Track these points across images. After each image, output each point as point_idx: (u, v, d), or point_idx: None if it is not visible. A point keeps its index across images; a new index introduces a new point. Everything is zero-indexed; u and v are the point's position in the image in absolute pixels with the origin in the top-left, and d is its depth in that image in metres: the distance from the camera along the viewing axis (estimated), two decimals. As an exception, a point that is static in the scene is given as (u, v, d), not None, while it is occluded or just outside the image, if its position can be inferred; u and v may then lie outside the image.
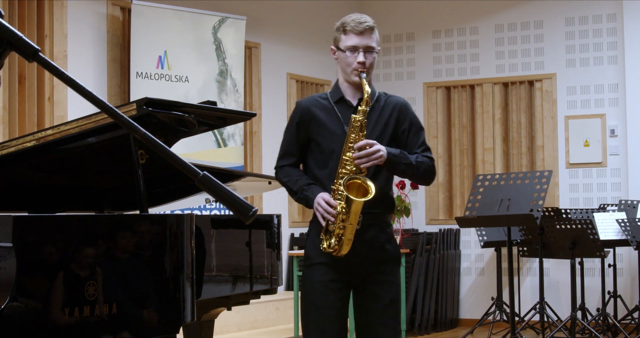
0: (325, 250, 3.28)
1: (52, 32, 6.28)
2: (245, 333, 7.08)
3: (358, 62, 3.35)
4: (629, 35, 8.15)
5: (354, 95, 3.42)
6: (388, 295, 3.35)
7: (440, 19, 9.07)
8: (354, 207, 3.22)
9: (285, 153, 3.47)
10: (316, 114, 3.39)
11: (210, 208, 7.15)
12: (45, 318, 2.29)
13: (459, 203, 8.86)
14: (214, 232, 3.61)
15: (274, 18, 8.32)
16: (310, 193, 3.33)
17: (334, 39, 3.46)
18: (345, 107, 3.40)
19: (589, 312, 7.53)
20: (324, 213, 3.26)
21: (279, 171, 3.48)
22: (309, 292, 3.35)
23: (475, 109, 8.89)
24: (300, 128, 3.42)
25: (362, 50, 3.37)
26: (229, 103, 7.40)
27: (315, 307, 3.31)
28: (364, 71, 3.34)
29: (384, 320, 3.34)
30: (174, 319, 2.63)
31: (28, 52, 1.57)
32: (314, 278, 3.33)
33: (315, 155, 3.40)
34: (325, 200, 3.26)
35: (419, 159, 3.38)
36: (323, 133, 3.37)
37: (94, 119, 2.87)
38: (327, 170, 3.35)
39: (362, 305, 3.37)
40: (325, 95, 3.46)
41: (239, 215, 1.61)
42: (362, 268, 3.33)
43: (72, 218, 2.54)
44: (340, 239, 3.25)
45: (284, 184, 3.47)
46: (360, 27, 3.39)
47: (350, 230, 3.24)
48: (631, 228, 6.87)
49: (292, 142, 3.44)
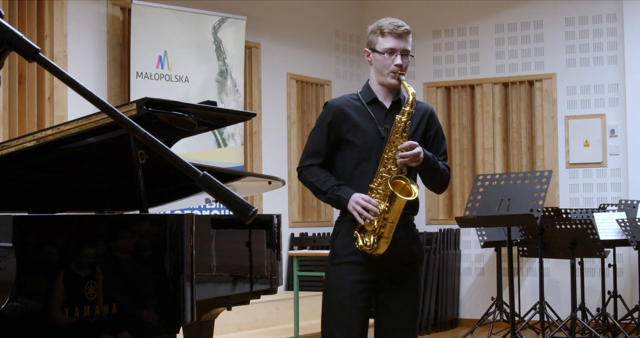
0: (361, 248, 3.30)
1: (52, 32, 6.28)
2: (245, 333, 7.08)
3: (395, 65, 3.38)
4: (629, 35, 8.15)
5: (386, 98, 3.45)
6: (412, 294, 3.42)
7: (440, 19, 9.08)
8: (396, 205, 3.27)
9: (313, 152, 3.48)
10: (350, 115, 3.42)
11: (210, 208, 7.15)
12: (45, 318, 2.29)
13: (459, 203, 8.87)
14: (214, 232, 3.61)
15: (274, 18, 8.32)
16: (342, 193, 3.35)
17: (368, 42, 3.48)
18: (378, 108, 3.43)
19: (589, 312, 7.53)
20: (362, 212, 3.28)
21: (305, 170, 3.48)
22: (335, 291, 3.36)
23: (475, 109, 8.89)
24: (332, 128, 3.43)
25: (399, 53, 3.40)
26: (229, 103, 7.40)
27: (342, 305, 3.34)
28: (402, 73, 3.38)
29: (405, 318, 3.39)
30: (174, 319, 2.63)
31: (28, 52, 1.57)
32: (342, 276, 3.35)
33: (347, 155, 3.42)
34: (365, 199, 3.29)
35: (442, 166, 3.46)
36: (357, 133, 3.40)
37: (94, 119, 2.87)
38: (359, 171, 3.39)
39: (385, 303, 3.41)
40: (357, 96, 3.48)
41: (239, 215, 1.61)
42: (390, 268, 3.37)
43: (72, 218, 2.54)
44: (379, 238, 3.28)
45: (311, 183, 3.46)
46: (399, 30, 3.42)
47: (390, 229, 3.28)
48: (631, 228, 6.87)
49: (322, 142, 3.46)
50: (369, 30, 3.50)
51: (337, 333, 3.34)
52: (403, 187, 3.31)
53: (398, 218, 3.29)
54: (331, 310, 3.38)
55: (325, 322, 3.40)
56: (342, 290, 3.35)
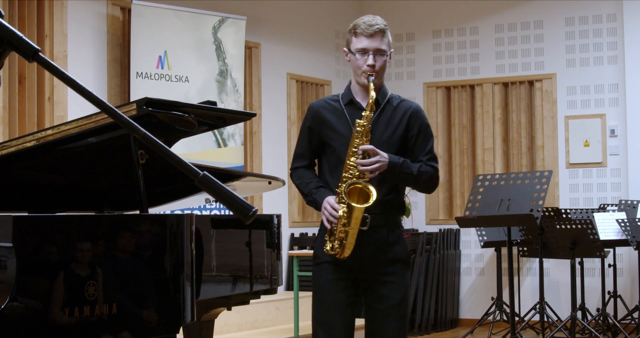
0: (327, 252, 3.33)
1: (52, 32, 6.28)
2: (245, 333, 7.08)
3: (367, 65, 3.37)
4: (629, 35, 8.15)
5: (364, 98, 3.43)
6: (395, 296, 3.37)
7: (440, 19, 9.08)
8: (355, 212, 3.25)
9: (298, 155, 3.52)
10: (326, 117, 3.43)
11: (210, 208, 7.15)
12: (45, 318, 2.29)
13: (459, 203, 8.86)
14: (214, 232, 3.61)
15: (274, 18, 8.32)
16: (318, 196, 3.37)
17: (346, 41, 3.49)
18: (355, 109, 3.42)
19: (589, 312, 7.53)
20: (328, 217, 3.30)
21: (293, 173, 3.53)
22: (317, 290, 3.40)
23: (475, 109, 8.89)
24: (311, 132, 3.46)
25: (372, 53, 3.38)
26: (229, 103, 7.40)
27: (322, 304, 3.36)
28: (372, 74, 3.35)
29: (390, 321, 3.36)
30: (174, 319, 2.63)
31: (28, 52, 1.57)
32: (322, 276, 3.38)
33: (328, 158, 3.44)
34: (330, 204, 3.30)
35: (422, 168, 3.40)
36: (333, 136, 3.40)
37: (94, 119, 2.87)
38: (337, 174, 3.38)
39: (369, 306, 3.41)
40: (337, 97, 3.49)
41: (239, 215, 1.61)
42: (370, 268, 3.36)
43: (72, 218, 2.54)
44: (342, 243, 3.28)
45: (297, 186, 3.51)
46: (371, 29, 3.40)
47: (351, 234, 3.27)
48: (631, 228, 6.87)
49: (305, 145, 3.49)
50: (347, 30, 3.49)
51: (320, 332, 3.36)
52: (361, 191, 3.28)
53: (358, 224, 3.25)
54: (315, 309, 3.41)
55: (312, 321, 3.44)
56: (323, 289, 3.37)
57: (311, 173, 3.49)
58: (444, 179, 8.98)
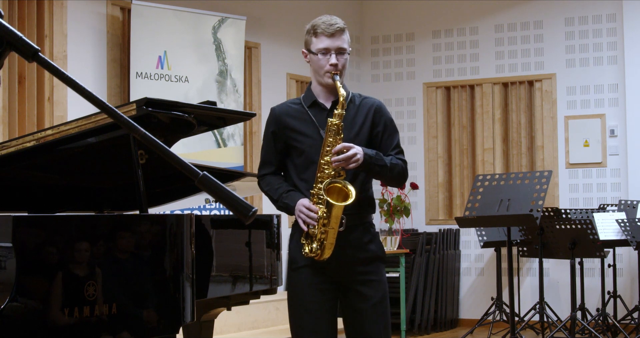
0: (307, 255, 3.29)
1: (52, 32, 6.28)
2: (245, 333, 7.08)
3: (330, 64, 3.34)
4: (628, 35, 8.15)
5: (327, 98, 3.40)
6: (376, 294, 3.35)
7: (440, 19, 9.08)
8: (334, 211, 3.22)
9: (264, 162, 3.48)
10: (289, 121, 3.39)
11: (210, 208, 7.15)
12: (45, 318, 2.29)
13: (459, 203, 8.86)
14: (214, 232, 3.61)
15: (274, 18, 8.32)
16: (289, 200, 3.33)
17: (305, 42, 3.45)
18: (319, 110, 3.39)
19: (588, 312, 7.53)
20: (305, 219, 3.26)
21: (261, 180, 3.48)
22: (297, 295, 3.37)
23: (475, 109, 8.89)
24: (276, 136, 3.41)
25: (334, 52, 3.36)
26: (229, 103, 7.40)
27: (306, 310, 3.33)
28: (337, 73, 3.33)
29: (373, 319, 3.34)
30: (174, 319, 2.63)
31: (28, 52, 1.57)
32: (301, 281, 3.34)
33: (295, 161, 3.40)
34: (306, 206, 3.26)
35: (392, 161, 3.38)
36: (299, 139, 3.37)
37: (93, 119, 2.88)
38: (307, 175, 3.35)
39: (351, 306, 3.37)
40: (298, 100, 3.45)
41: (239, 215, 1.61)
42: (348, 268, 3.34)
43: (72, 218, 2.54)
44: (322, 244, 3.26)
45: (266, 193, 3.47)
46: (331, 29, 3.39)
47: (332, 234, 3.25)
48: (631, 229, 6.87)
49: (270, 151, 3.45)
50: (305, 31, 3.47)
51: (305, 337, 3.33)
52: (340, 190, 3.27)
53: (338, 223, 3.23)
54: (297, 316, 3.37)
55: (293, 327, 3.40)
56: (304, 294, 3.33)
57: (278, 178, 3.45)
58: (444, 179, 8.98)
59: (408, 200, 7.57)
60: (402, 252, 7.35)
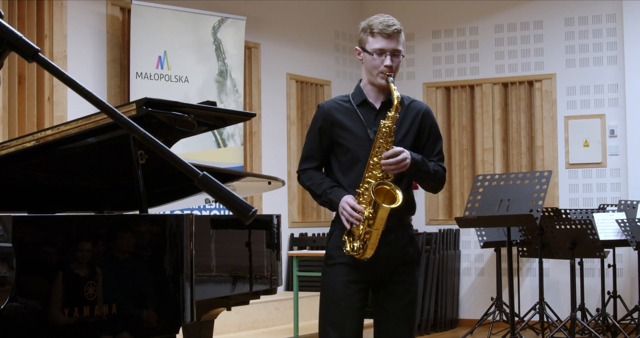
0: (348, 253, 3.31)
1: (52, 32, 6.28)
2: (245, 333, 7.08)
3: (385, 66, 3.34)
4: (628, 35, 8.15)
5: (377, 98, 3.42)
6: (407, 295, 3.39)
7: (440, 19, 9.08)
8: (380, 212, 3.24)
9: (308, 156, 3.48)
10: (338, 118, 3.40)
11: (210, 209, 7.15)
12: (45, 318, 2.29)
13: (459, 203, 8.87)
14: (214, 232, 3.61)
15: (274, 18, 8.32)
16: (334, 196, 3.35)
17: (359, 40, 3.44)
18: (368, 110, 3.40)
19: (588, 312, 7.53)
20: (349, 218, 3.28)
21: (302, 174, 3.50)
22: (330, 291, 3.38)
23: (475, 109, 8.89)
24: (322, 132, 3.42)
25: (389, 53, 3.36)
26: (229, 103, 7.40)
27: (336, 306, 3.34)
28: (391, 75, 3.34)
29: (401, 319, 3.38)
30: (174, 319, 2.63)
31: (28, 53, 1.57)
32: (336, 277, 3.36)
33: (339, 158, 3.41)
34: (351, 204, 3.28)
35: (435, 167, 3.42)
36: (347, 137, 3.38)
37: (93, 119, 2.87)
38: (352, 174, 3.37)
39: (381, 304, 3.40)
40: (347, 97, 3.45)
41: (239, 216, 1.61)
42: (384, 269, 3.36)
43: (72, 218, 2.54)
44: (365, 243, 3.27)
45: (307, 187, 3.47)
46: (389, 30, 3.37)
47: (376, 235, 3.27)
48: (631, 229, 6.87)
49: (315, 146, 3.45)
50: (360, 28, 3.46)
51: (332, 333, 3.35)
52: (387, 192, 3.28)
53: (383, 225, 3.26)
54: (326, 310, 3.39)
55: (321, 322, 3.41)
56: (336, 291, 3.35)
57: (321, 174, 3.47)
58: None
59: (408, 200, 7.56)
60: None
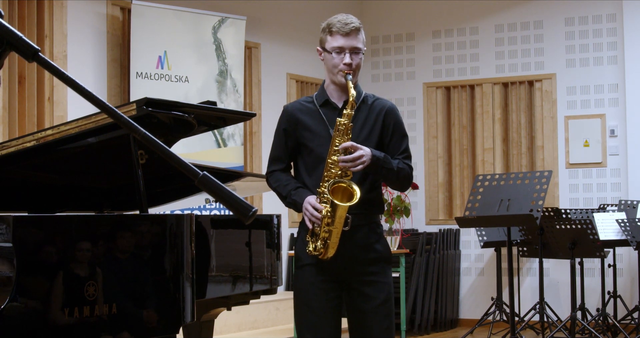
0: (310, 253, 3.30)
1: (52, 32, 6.28)
2: (245, 333, 7.08)
3: (344, 64, 3.34)
4: (629, 35, 8.15)
5: (340, 97, 3.41)
6: (380, 295, 3.35)
7: (440, 19, 9.08)
8: (339, 211, 3.22)
9: (274, 158, 3.48)
10: (302, 119, 3.40)
11: (210, 208, 7.15)
12: (45, 318, 2.29)
13: (459, 203, 8.86)
14: (214, 232, 3.61)
15: (274, 18, 8.32)
16: (297, 197, 3.34)
17: (319, 40, 3.45)
18: (331, 109, 3.40)
19: (588, 312, 7.53)
20: (310, 217, 3.27)
21: (270, 176, 3.49)
22: (301, 293, 3.37)
23: (475, 109, 8.89)
24: (287, 134, 3.42)
25: (348, 51, 3.36)
26: (229, 103, 7.40)
27: (308, 307, 3.33)
28: (349, 73, 3.33)
29: (376, 320, 3.34)
30: (174, 319, 2.63)
31: (28, 52, 1.57)
32: (305, 279, 3.35)
33: (305, 159, 3.41)
34: (312, 204, 3.27)
35: (399, 164, 3.39)
36: (310, 137, 3.38)
37: (94, 119, 2.87)
38: (316, 174, 3.36)
39: (355, 306, 3.37)
40: (311, 98, 3.46)
41: (239, 215, 1.61)
42: (353, 268, 3.34)
43: (72, 218, 2.54)
44: (326, 243, 3.26)
45: (274, 189, 3.48)
46: (347, 28, 3.38)
47: (335, 233, 3.25)
48: (631, 229, 6.87)
49: (281, 148, 3.45)
50: (320, 28, 3.47)
51: (308, 335, 3.33)
52: (344, 190, 3.27)
53: (342, 223, 3.24)
54: (300, 313, 3.37)
55: (297, 325, 3.40)
56: (307, 292, 3.34)
57: (287, 175, 3.46)
58: (444, 179, 8.99)
59: (408, 200, 7.56)
60: (402, 252, 7.35)
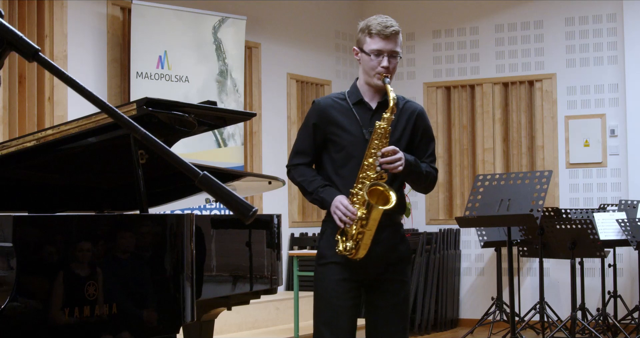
0: (341, 252, 3.31)
1: (52, 32, 6.28)
2: (245, 333, 7.08)
3: (382, 67, 3.34)
4: (629, 35, 8.15)
5: (373, 98, 3.42)
6: (400, 293, 3.40)
7: (440, 19, 9.08)
8: (374, 213, 3.25)
9: (299, 151, 3.48)
10: (334, 115, 3.40)
11: (210, 208, 7.15)
12: (45, 318, 2.29)
13: (459, 203, 8.86)
14: (214, 232, 3.60)
15: (274, 18, 8.32)
16: (326, 195, 3.35)
17: (357, 40, 3.44)
18: (364, 109, 3.40)
19: (589, 312, 7.53)
20: (342, 217, 3.28)
21: (293, 169, 3.49)
22: (322, 290, 3.38)
23: (475, 109, 8.89)
24: (317, 129, 3.42)
25: (386, 54, 3.36)
26: (229, 103, 7.40)
27: (329, 305, 3.35)
28: (387, 76, 3.33)
29: (394, 318, 3.38)
30: (174, 319, 2.63)
31: (28, 52, 1.57)
32: (328, 277, 3.36)
33: (333, 156, 3.41)
34: (344, 204, 3.28)
35: (427, 168, 3.43)
36: (341, 135, 3.38)
37: (94, 119, 2.87)
38: (344, 172, 3.37)
39: (374, 303, 3.40)
40: (343, 95, 3.45)
41: (239, 215, 1.61)
42: (376, 268, 3.37)
43: (72, 218, 2.54)
44: (358, 244, 3.28)
45: (298, 183, 3.47)
46: (387, 31, 3.37)
47: (369, 236, 3.27)
48: (631, 228, 6.87)
49: (308, 142, 3.45)
50: (358, 28, 3.45)
51: (326, 332, 3.35)
52: (380, 193, 3.29)
53: (376, 225, 3.27)
54: (319, 310, 3.39)
55: (315, 321, 3.42)
56: (329, 290, 3.35)
57: (313, 171, 3.47)
58: (444, 179, 8.99)
59: (408, 200, 7.56)
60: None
